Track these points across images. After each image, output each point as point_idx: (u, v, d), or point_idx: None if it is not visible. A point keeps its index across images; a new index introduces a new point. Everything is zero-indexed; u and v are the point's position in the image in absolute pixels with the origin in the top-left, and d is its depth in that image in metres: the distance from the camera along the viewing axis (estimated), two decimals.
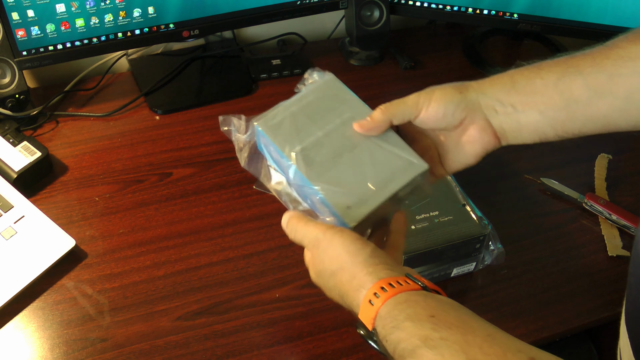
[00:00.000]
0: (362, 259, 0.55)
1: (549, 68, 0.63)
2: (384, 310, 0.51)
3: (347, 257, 0.56)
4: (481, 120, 0.64)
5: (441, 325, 0.48)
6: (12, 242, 0.82)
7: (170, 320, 0.78)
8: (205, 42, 1.22)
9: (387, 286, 0.52)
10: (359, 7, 1.17)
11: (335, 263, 0.56)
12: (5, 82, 0.99)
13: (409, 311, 0.50)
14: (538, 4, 1.13)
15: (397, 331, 0.49)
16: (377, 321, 0.51)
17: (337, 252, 0.56)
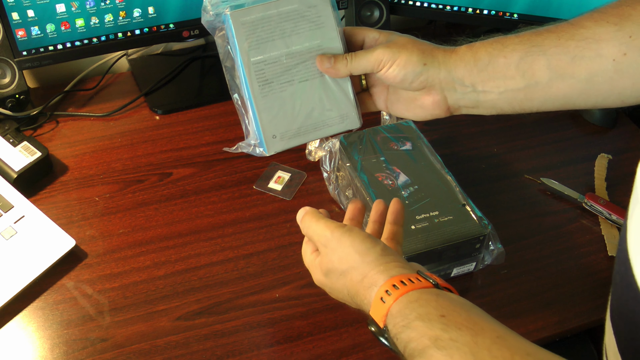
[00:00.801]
0: (372, 258, 0.55)
1: (513, 46, 0.62)
2: (395, 309, 0.51)
3: (357, 256, 0.56)
4: (437, 95, 0.65)
5: (451, 326, 0.48)
6: (12, 242, 0.82)
7: (170, 320, 0.78)
8: (205, 42, 1.22)
9: (399, 284, 0.52)
10: (359, 7, 1.17)
11: (345, 263, 0.56)
12: (5, 82, 0.99)
13: (420, 310, 0.50)
14: (538, 4, 1.13)
15: (407, 330, 0.49)
16: (388, 319, 0.51)
17: (347, 251, 0.57)
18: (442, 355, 0.46)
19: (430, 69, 0.64)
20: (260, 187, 0.95)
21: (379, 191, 0.83)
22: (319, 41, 0.65)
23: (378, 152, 0.88)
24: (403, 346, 0.49)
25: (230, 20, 0.62)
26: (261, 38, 0.63)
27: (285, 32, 0.64)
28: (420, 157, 0.88)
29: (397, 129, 0.92)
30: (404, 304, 0.51)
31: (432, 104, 0.65)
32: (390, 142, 0.90)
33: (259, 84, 0.63)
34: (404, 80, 0.64)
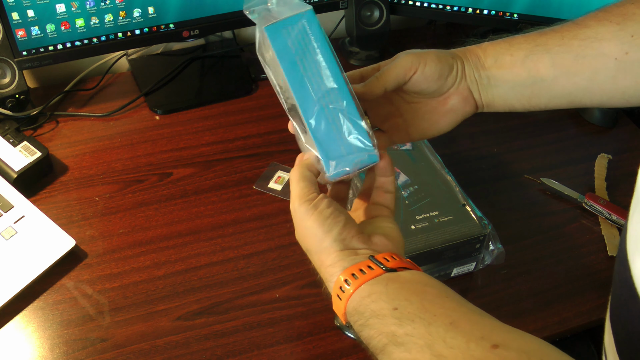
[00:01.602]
0: (328, 244, 0.55)
1: (518, 45, 0.64)
2: (351, 306, 0.51)
3: (316, 240, 0.55)
4: (465, 90, 0.65)
5: (404, 319, 0.48)
6: (12, 242, 0.82)
7: (170, 320, 0.78)
8: (205, 42, 1.22)
9: (350, 277, 0.52)
10: (359, 7, 1.17)
11: (306, 242, 0.56)
12: (5, 82, 0.99)
13: (373, 307, 0.50)
14: (538, 4, 1.13)
15: (366, 329, 0.50)
16: (348, 317, 0.52)
17: (307, 232, 0.56)
18: (401, 351, 0.47)
19: (458, 61, 0.65)
20: (260, 187, 0.95)
21: None
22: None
23: None
24: (366, 343, 0.50)
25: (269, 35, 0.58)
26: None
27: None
28: (420, 157, 0.88)
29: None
30: (357, 301, 0.51)
31: (461, 101, 0.65)
32: None
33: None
34: (441, 76, 0.64)
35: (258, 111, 1.10)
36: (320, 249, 0.55)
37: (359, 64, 1.22)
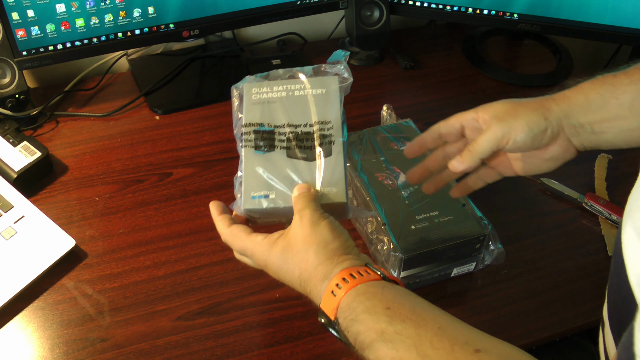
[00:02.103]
0: (334, 246, 0.57)
1: (623, 87, 0.64)
2: (344, 302, 0.53)
3: (319, 243, 0.57)
4: (564, 141, 0.67)
5: (396, 319, 0.50)
6: (12, 242, 0.82)
7: (170, 320, 0.78)
8: (205, 42, 1.22)
9: (348, 277, 0.54)
10: (359, 7, 1.17)
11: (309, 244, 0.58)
12: (5, 82, 0.99)
13: (366, 303, 0.52)
14: (538, 4, 1.13)
15: (356, 324, 0.52)
16: (338, 312, 0.53)
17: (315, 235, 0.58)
18: (388, 348, 0.49)
19: (551, 121, 0.65)
20: None
21: (379, 191, 0.83)
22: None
23: (378, 152, 0.88)
24: (353, 338, 0.52)
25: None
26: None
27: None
28: (420, 157, 0.88)
29: (397, 129, 0.93)
30: (352, 297, 0.53)
31: (561, 152, 0.68)
32: (390, 142, 0.90)
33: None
34: (534, 142, 0.65)
35: None
36: (325, 249, 0.57)
37: (359, 64, 1.22)
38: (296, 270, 0.58)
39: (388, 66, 1.23)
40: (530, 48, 1.31)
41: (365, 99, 1.14)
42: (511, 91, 1.17)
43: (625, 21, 1.10)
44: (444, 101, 1.15)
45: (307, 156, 0.65)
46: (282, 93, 0.68)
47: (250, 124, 0.67)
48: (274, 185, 0.64)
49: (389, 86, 1.18)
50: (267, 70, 1.01)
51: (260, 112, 0.67)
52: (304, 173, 0.64)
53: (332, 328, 0.54)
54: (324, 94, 0.68)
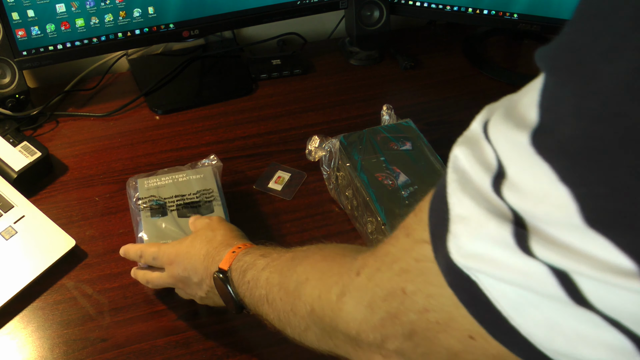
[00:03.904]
0: (236, 235, 0.72)
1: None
2: (241, 253, 0.64)
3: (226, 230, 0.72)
4: None
5: (282, 252, 0.61)
6: (12, 242, 0.82)
7: (170, 320, 0.78)
8: (205, 42, 1.22)
9: (249, 244, 0.67)
10: (359, 7, 1.17)
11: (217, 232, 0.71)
12: (5, 82, 0.99)
13: (261, 248, 0.65)
14: (538, 4, 1.13)
15: (245, 256, 0.63)
16: (233, 261, 0.64)
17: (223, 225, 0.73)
18: (265, 259, 0.61)
19: None
20: (260, 187, 0.95)
21: (379, 191, 0.83)
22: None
23: (378, 152, 0.88)
24: (239, 269, 0.62)
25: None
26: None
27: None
28: (420, 157, 0.88)
29: (397, 129, 0.93)
30: (250, 250, 0.65)
31: None
32: (390, 142, 0.90)
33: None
34: None
35: (258, 111, 1.10)
36: (227, 234, 0.71)
37: (359, 64, 1.22)
38: (203, 249, 0.69)
39: (388, 66, 1.23)
40: (530, 48, 1.30)
41: (365, 99, 1.14)
42: (511, 91, 1.17)
43: None
44: (444, 101, 1.15)
45: (194, 214, 0.81)
46: (169, 180, 0.85)
47: (145, 197, 0.83)
48: (170, 234, 0.79)
49: (389, 86, 1.18)
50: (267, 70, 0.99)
51: (153, 192, 0.84)
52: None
53: (224, 275, 0.64)
54: (203, 177, 0.86)
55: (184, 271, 0.70)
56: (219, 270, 0.65)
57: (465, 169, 0.33)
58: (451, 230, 0.34)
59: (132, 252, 0.76)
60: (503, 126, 0.32)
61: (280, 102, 1.12)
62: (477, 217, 0.32)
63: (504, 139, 0.31)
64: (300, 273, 0.54)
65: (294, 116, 1.09)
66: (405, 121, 0.94)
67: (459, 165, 0.34)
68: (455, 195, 0.34)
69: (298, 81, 1.17)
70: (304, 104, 1.12)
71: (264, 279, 0.59)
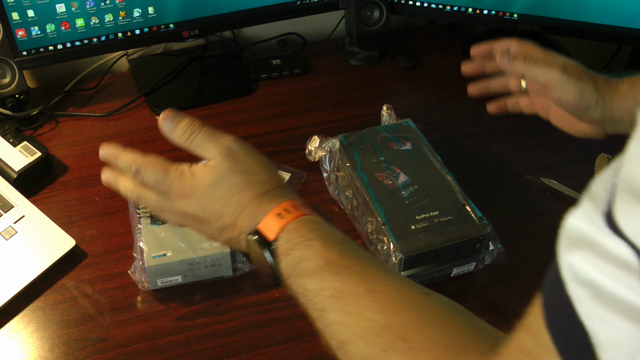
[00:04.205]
0: (278, 178, 0.58)
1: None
2: (292, 225, 0.52)
3: (269, 174, 0.57)
4: (596, 126, 0.73)
5: (348, 253, 0.50)
6: (12, 242, 0.82)
7: (170, 320, 0.78)
8: (205, 42, 1.22)
9: (300, 205, 0.54)
10: (359, 7, 1.17)
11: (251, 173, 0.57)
12: (5, 82, 0.99)
13: (320, 232, 0.52)
14: (538, 4, 1.13)
15: (302, 247, 0.51)
16: (282, 233, 0.52)
17: (259, 162, 0.58)
18: (335, 280, 0.48)
19: (598, 107, 0.70)
20: None
21: (379, 191, 0.83)
22: None
23: (378, 152, 0.88)
24: (294, 263, 0.51)
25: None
26: None
27: None
28: (420, 157, 0.88)
29: (397, 129, 0.93)
30: (303, 223, 0.52)
31: (590, 132, 0.74)
32: (390, 142, 0.90)
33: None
34: (573, 109, 0.71)
35: (258, 111, 1.10)
36: (271, 178, 0.57)
37: (359, 64, 1.22)
38: (235, 196, 0.56)
39: (388, 66, 1.23)
40: None
41: (365, 99, 1.14)
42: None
43: (625, 21, 1.10)
44: (444, 101, 1.15)
45: None
46: None
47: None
48: (170, 245, 0.77)
49: (389, 86, 1.18)
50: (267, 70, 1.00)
51: None
52: (192, 235, 0.77)
53: (267, 248, 0.52)
54: None
55: (203, 212, 0.57)
56: (259, 235, 0.54)
57: (598, 281, 0.28)
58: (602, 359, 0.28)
59: (122, 159, 0.60)
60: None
61: (280, 102, 1.12)
62: (636, 338, 0.26)
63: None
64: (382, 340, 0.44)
65: (294, 116, 1.09)
66: (405, 121, 0.94)
67: (584, 277, 0.29)
68: (595, 316, 0.28)
69: (298, 81, 1.17)
70: (304, 104, 1.12)
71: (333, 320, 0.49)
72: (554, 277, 0.30)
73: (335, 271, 0.49)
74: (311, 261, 0.50)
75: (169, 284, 0.79)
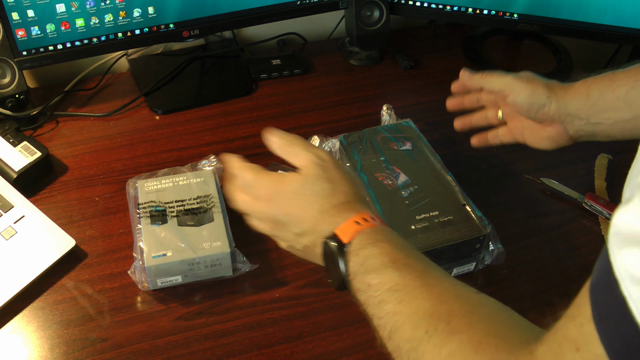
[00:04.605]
0: (362, 193, 0.64)
1: (620, 81, 0.70)
2: (367, 231, 0.56)
3: (354, 187, 0.62)
4: (560, 127, 0.76)
5: (411, 255, 0.55)
6: (12, 242, 0.82)
7: (170, 320, 0.78)
8: (205, 42, 1.22)
9: (377, 217, 0.59)
10: (359, 7, 1.17)
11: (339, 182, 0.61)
12: (5, 82, 0.99)
13: (390, 236, 0.57)
14: (538, 4, 1.13)
15: (371, 247, 0.55)
16: (356, 237, 0.56)
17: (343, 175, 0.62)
18: (395, 274, 0.52)
19: (552, 103, 0.74)
20: None
21: (379, 191, 0.83)
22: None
23: (378, 152, 0.88)
24: (362, 261, 0.54)
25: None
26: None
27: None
28: (420, 157, 0.88)
29: (397, 129, 0.93)
30: (376, 230, 0.57)
31: (556, 134, 0.77)
32: (390, 142, 0.90)
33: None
34: (530, 110, 0.75)
35: (258, 111, 1.10)
36: (355, 191, 0.61)
37: (359, 64, 1.22)
38: (317, 202, 0.60)
39: (388, 66, 1.23)
40: (530, 48, 1.30)
41: (365, 99, 1.14)
42: None
43: (625, 21, 1.10)
44: (444, 101, 1.14)
45: (194, 222, 0.80)
46: (169, 183, 0.85)
47: (145, 202, 0.82)
48: (170, 245, 0.77)
49: (389, 86, 1.18)
50: (267, 70, 0.99)
51: (153, 196, 0.83)
52: (192, 235, 0.79)
53: (340, 250, 0.56)
54: (203, 180, 0.86)
55: (285, 216, 0.61)
56: (334, 238, 0.57)
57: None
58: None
59: (228, 165, 0.67)
60: None
61: (280, 102, 1.12)
62: None
63: None
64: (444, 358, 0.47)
65: (294, 116, 1.09)
66: (405, 121, 0.94)
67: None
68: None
69: (298, 81, 1.17)
70: (304, 104, 1.12)
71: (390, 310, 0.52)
72: (605, 274, 0.32)
73: (397, 267, 0.53)
74: (377, 259, 0.54)
75: (169, 284, 0.79)
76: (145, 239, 0.78)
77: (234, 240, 0.80)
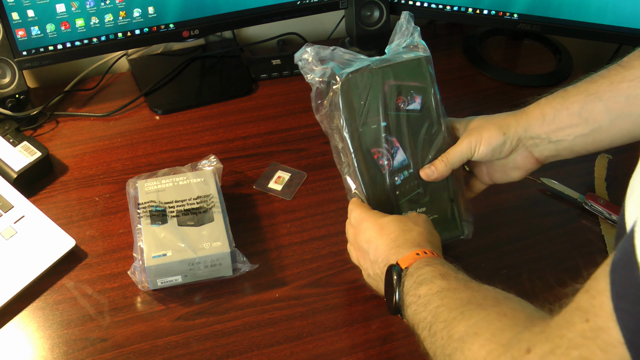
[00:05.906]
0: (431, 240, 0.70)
1: (572, 97, 0.71)
2: (424, 260, 0.64)
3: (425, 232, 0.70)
4: (524, 152, 0.76)
5: (461, 275, 0.62)
6: (12, 242, 0.82)
7: (170, 320, 0.78)
8: (205, 42, 1.22)
9: (438, 254, 0.67)
10: (359, 7, 1.17)
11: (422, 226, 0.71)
12: (5, 82, 0.99)
13: (445, 264, 0.64)
14: (538, 4, 1.13)
15: (426, 267, 0.62)
16: (414, 264, 0.64)
17: (429, 226, 0.72)
18: (442, 282, 0.60)
19: (509, 136, 0.75)
20: (260, 187, 0.95)
21: (369, 176, 0.77)
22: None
23: (380, 112, 0.77)
24: (414, 278, 0.62)
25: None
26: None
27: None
28: (425, 121, 0.80)
29: (407, 70, 0.80)
30: (435, 259, 0.65)
31: (522, 161, 0.77)
32: (398, 94, 0.78)
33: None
34: (494, 153, 0.76)
35: (258, 111, 1.10)
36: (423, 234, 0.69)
37: None
38: (393, 234, 0.69)
39: None
40: (530, 48, 1.30)
41: None
42: (511, 91, 1.17)
43: (625, 21, 1.10)
44: (444, 101, 1.14)
45: (194, 222, 0.80)
46: (169, 183, 0.85)
47: (145, 202, 0.82)
48: (170, 245, 0.77)
49: None
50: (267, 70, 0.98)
51: (153, 196, 0.83)
52: (192, 235, 0.79)
53: (398, 273, 0.64)
54: (203, 180, 0.86)
55: (367, 243, 0.71)
56: (397, 266, 0.65)
57: None
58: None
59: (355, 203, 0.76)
60: None
61: (280, 102, 1.12)
62: None
63: None
64: (472, 324, 0.53)
65: (294, 116, 1.09)
66: (415, 55, 0.82)
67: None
68: None
69: (298, 81, 1.17)
70: (304, 104, 1.12)
71: (434, 305, 0.59)
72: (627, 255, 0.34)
73: (446, 278, 0.60)
74: (429, 274, 0.61)
75: (169, 284, 0.79)
76: (145, 239, 0.78)
77: (234, 240, 0.80)
